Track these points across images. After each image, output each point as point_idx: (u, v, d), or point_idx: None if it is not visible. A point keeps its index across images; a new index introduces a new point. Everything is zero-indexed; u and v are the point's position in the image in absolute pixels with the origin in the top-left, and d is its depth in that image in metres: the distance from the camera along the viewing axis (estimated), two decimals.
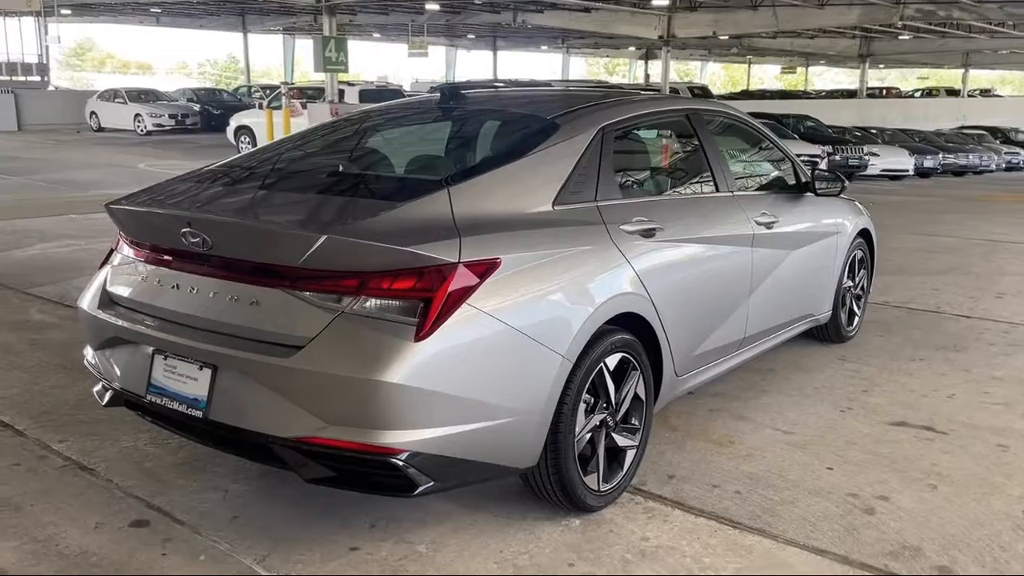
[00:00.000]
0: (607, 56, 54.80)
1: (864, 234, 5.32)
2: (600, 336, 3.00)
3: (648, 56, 44.02)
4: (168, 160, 18.58)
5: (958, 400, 4.41)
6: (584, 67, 67.95)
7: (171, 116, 27.05)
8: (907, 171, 20.18)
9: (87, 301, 3.20)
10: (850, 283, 5.23)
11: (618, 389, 3.15)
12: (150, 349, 2.92)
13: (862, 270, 5.41)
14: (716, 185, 3.94)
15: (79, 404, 4.20)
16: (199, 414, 2.75)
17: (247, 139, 18.73)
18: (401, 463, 2.52)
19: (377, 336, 2.50)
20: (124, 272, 3.14)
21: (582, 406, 2.98)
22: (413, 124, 3.90)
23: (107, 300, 3.15)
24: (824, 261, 4.83)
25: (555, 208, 3.05)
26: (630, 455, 3.26)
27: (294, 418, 2.58)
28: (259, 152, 3.69)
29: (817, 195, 4.65)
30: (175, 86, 35.59)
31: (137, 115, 26.71)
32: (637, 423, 3.29)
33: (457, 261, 2.57)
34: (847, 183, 4.67)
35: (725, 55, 47.31)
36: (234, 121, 19.43)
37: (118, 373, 3.07)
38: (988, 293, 6.95)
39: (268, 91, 31.43)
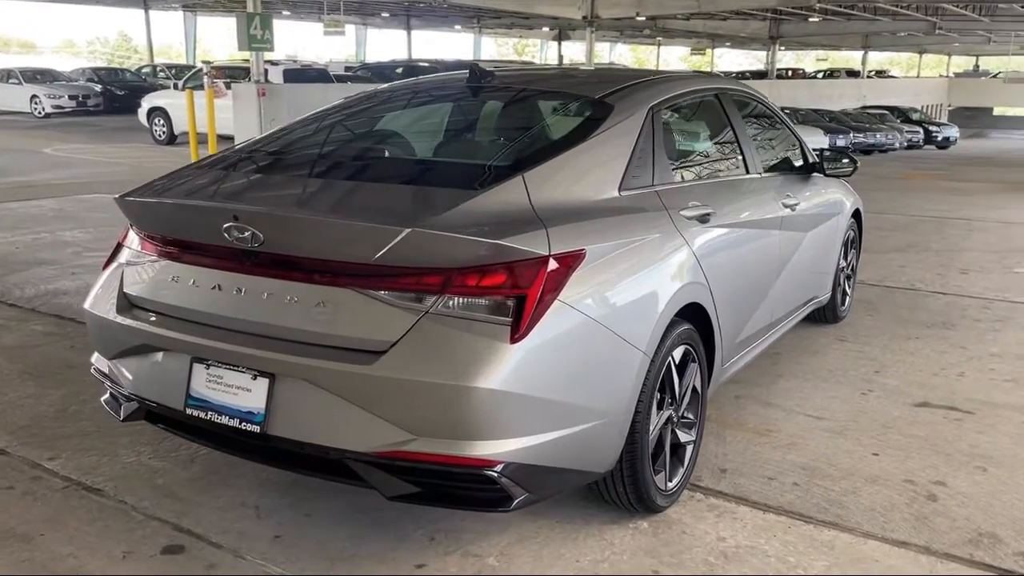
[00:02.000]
0: (520, 36, 54.55)
1: (856, 214, 5.33)
2: (670, 328, 2.84)
3: (561, 37, 44.01)
4: (75, 144, 17.55)
5: (968, 379, 4.44)
6: (494, 48, 67.58)
7: (71, 97, 25.49)
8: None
9: (101, 306, 2.86)
10: (843, 263, 5.23)
11: (680, 383, 3.01)
12: (187, 358, 2.62)
13: (852, 250, 5.42)
14: (746, 167, 3.82)
15: (59, 415, 3.82)
16: (255, 428, 2.47)
17: (162, 121, 17.77)
18: (496, 475, 2.31)
19: (471, 339, 2.27)
20: (146, 272, 2.81)
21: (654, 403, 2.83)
22: (448, 104, 3.63)
23: (126, 304, 2.81)
24: (829, 242, 4.80)
25: (621, 194, 2.86)
26: (688, 450, 3.13)
27: (375, 430, 2.33)
28: (281, 136, 3.37)
29: (826, 176, 4.60)
30: (68, 66, 33.67)
31: (34, 96, 25.07)
32: (693, 417, 3.16)
33: (548, 254, 2.37)
34: (858, 164, 4.62)
35: (636, 36, 47.63)
36: (146, 102, 18.36)
37: (144, 385, 2.75)
38: (952, 269, 7.10)
39: (175, 70, 30.15)
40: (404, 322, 2.31)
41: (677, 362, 2.95)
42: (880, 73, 49.44)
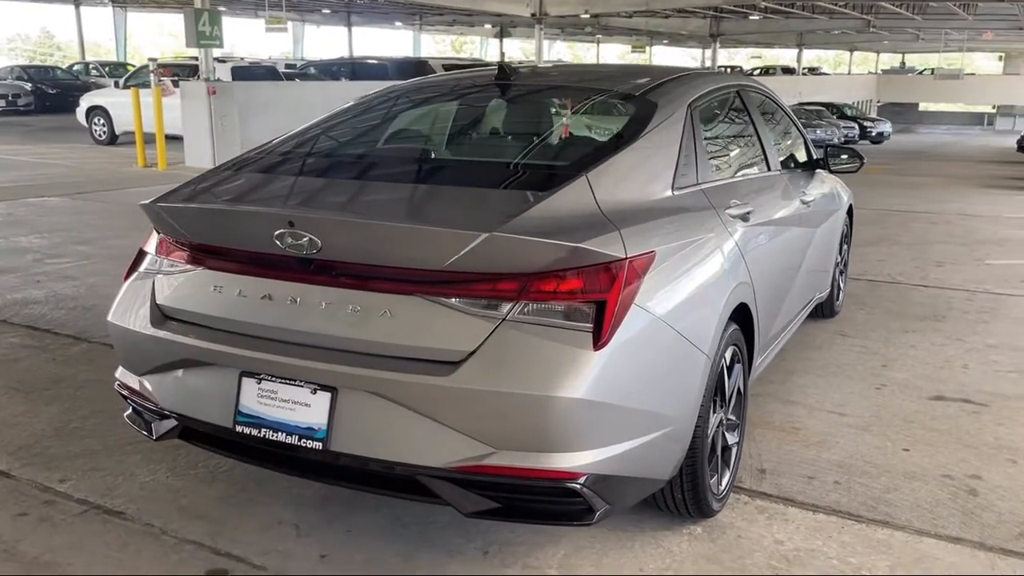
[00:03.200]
0: (461, 34, 54.30)
1: (849, 210, 5.37)
2: (724, 329, 2.79)
3: (503, 34, 44.00)
4: (9, 145, 16.85)
5: (974, 371, 4.51)
6: (432, 45, 67.15)
7: (0, 96, 24.53)
8: None
9: (130, 319, 2.68)
10: (839, 258, 5.27)
11: (729, 384, 2.96)
12: (235, 372, 2.47)
13: (845, 245, 5.47)
14: (768, 163, 3.81)
15: (59, 434, 3.60)
16: (316, 445, 2.34)
17: (102, 121, 17.10)
18: (579, 487, 2.22)
19: (554, 347, 2.18)
20: (182, 282, 2.64)
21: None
22: (480, 102, 3.51)
23: (160, 316, 2.64)
24: (831, 238, 4.82)
25: (675, 193, 2.80)
26: (734, 452, 3.09)
27: (451, 444, 2.22)
28: (309, 137, 3.22)
29: (831, 172, 4.62)
30: None
31: None
32: (736, 418, 3.11)
33: (625, 256, 2.29)
34: (865, 161, 4.65)
35: (576, 35, 47.84)
36: (85, 101, 17.65)
37: (184, 401, 2.59)
38: (927, 262, 7.24)
39: (108, 68, 29.19)
40: (481, 330, 2.21)
41: (728, 363, 2.90)
42: (813, 70, 50.55)
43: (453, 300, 2.25)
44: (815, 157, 4.60)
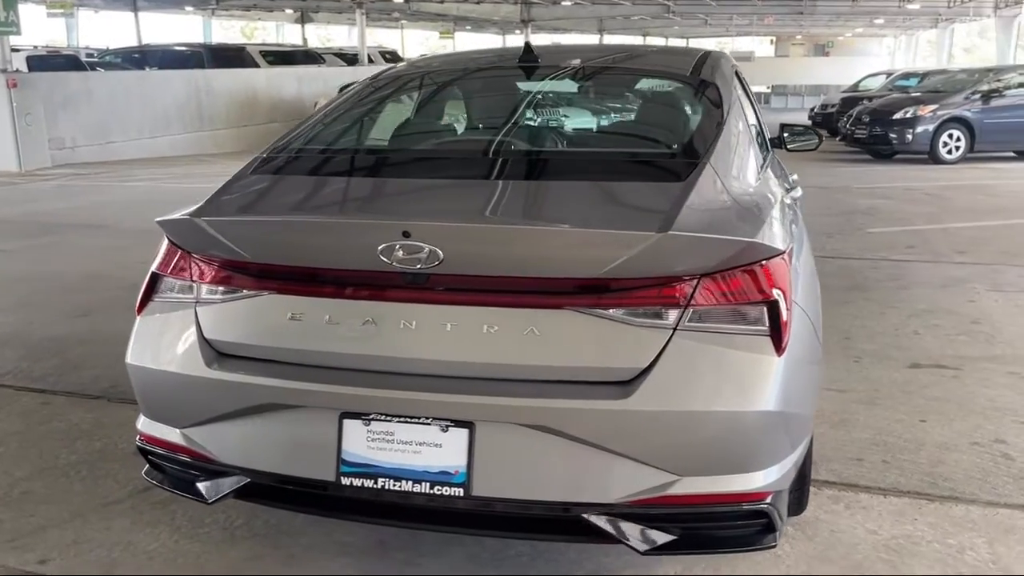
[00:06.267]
0: (258, 19, 51.69)
1: None
2: None
3: (304, 20, 42.33)
4: None
5: (926, 336, 4.69)
6: (221, 31, 63.70)
7: None
8: None
9: (168, 360, 2.17)
10: None
11: None
12: (334, 414, 2.04)
13: None
14: (766, 144, 3.73)
15: (6, 501, 2.96)
16: (456, 491, 1.98)
17: None
18: (767, 507, 2.01)
19: (738, 356, 1.95)
20: (240, 311, 2.15)
21: None
22: (526, 87, 3.11)
23: (213, 355, 2.15)
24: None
25: (760, 176, 2.64)
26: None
27: (628, 476, 1.94)
28: (341, 129, 2.76)
29: (788, 151, 4.63)
30: None
31: None
32: None
33: (784, 249, 2.10)
34: (823, 138, 4.69)
35: (379, 19, 46.90)
36: None
37: (258, 455, 2.13)
38: (816, 233, 7.48)
39: None
40: (653, 343, 1.94)
41: None
42: None
43: (611, 311, 1.96)
44: (770, 136, 4.59)
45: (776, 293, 2.00)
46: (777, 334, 1.98)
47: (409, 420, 2.01)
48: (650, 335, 1.94)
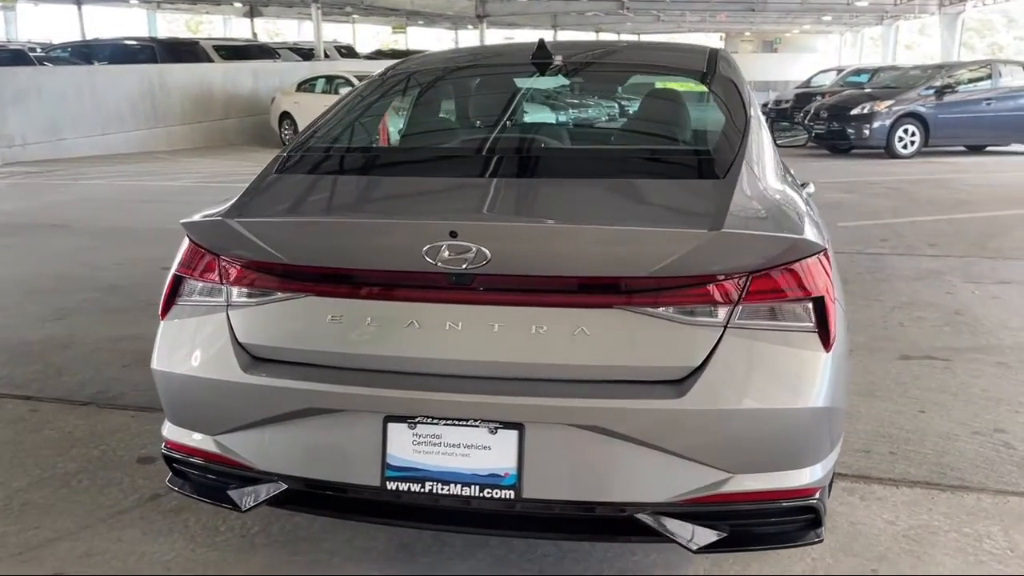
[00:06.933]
0: (206, 12, 50.72)
1: None
2: None
3: (253, 13, 41.67)
4: None
5: (911, 328, 4.78)
6: (165, 25, 62.45)
7: None
8: None
9: (198, 365, 2.11)
10: None
11: None
12: (378, 417, 2.00)
13: None
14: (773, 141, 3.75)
15: (5, 513, 2.85)
16: (506, 494, 1.95)
17: None
18: (815, 502, 2.02)
19: (789, 353, 1.95)
20: (276, 314, 2.09)
21: None
22: (540, 84, 3.07)
23: (248, 359, 2.09)
24: None
25: (782, 175, 2.65)
26: None
27: (681, 474, 1.93)
28: (361, 126, 2.70)
29: (777, 147, 4.67)
30: None
31: None
32: None
33: (825, 245, 2.11)
34: (812, 133, 4.74)
35: (331, 14, 46.39)
36: None
37: (298, 460, 2.07)
38: None
39: None
40: (705, 341, 1.93)
41: None
42: None
43: (661, 309, 1.95)
44: None
45: (823, 289, 2.01)
46: (825, 330, 1.99)
47: (456, 423, 1.97)
48: (702, 333, 1.94)
